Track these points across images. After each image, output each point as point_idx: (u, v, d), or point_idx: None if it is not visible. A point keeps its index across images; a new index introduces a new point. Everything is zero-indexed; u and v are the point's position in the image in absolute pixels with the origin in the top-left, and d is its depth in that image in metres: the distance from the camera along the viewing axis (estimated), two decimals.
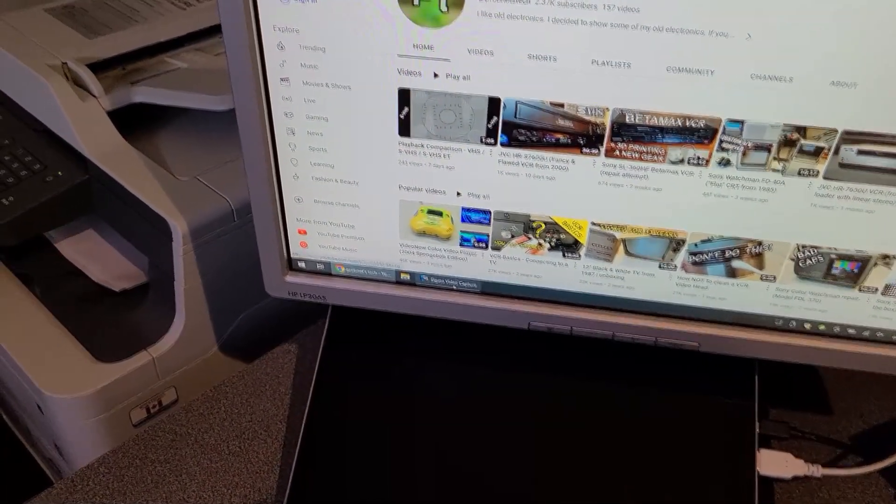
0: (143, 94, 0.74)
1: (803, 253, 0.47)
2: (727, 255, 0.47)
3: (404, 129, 0.45)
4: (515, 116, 0.44)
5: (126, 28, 0.79)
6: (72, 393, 0.64)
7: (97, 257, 0.78)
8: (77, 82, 0.72)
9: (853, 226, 0.44)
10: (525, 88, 0.42)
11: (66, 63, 0.72)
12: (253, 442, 0.57)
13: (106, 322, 0.71)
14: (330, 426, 0.54)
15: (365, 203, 0.49)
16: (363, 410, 0.54)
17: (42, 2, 0.84)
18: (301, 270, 0.53)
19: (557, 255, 0.50)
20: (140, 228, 0.70)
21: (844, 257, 0.46)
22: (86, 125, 0.70)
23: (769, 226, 0.45)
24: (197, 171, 0.71)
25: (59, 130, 0.72)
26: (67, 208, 0.73)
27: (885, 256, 0.46)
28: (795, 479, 0.54)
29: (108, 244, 0.79)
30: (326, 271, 0.53)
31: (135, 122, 0.75)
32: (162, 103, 0.74)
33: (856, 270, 0.47)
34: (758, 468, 0.52)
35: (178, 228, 0.64)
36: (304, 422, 0.54)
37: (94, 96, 0.72)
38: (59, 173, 0.73)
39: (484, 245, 0.50)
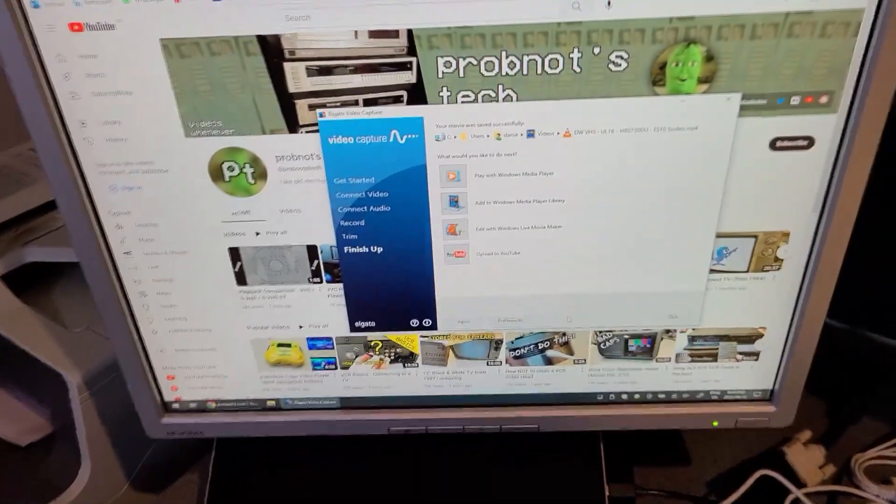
0: (34, 253, 0.79)
1: (602, 336, 0.54)
2: (540, 346, 0.54)
3: (241, 279, 0.52)
4: (332, 258, 0.51)
5: (16, 192, 0.84)
6: None
7: (3, 412, 0.81)
8: None
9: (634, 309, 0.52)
10: (332, 237, 0.49)
11: None
12: None
13: (14, 479, 0.73)
14: None
15: (221, 346, 0.55)
16: None
17: None
18: (176, 411, 0.59)
19: (399, 367, 0.56)
20: (39, 382, 0.74)
21: (636, 336, 0.54)
22: None
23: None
24: (89, 320, 0.75)
25: None
26: None
27: (668, 331, 0.53)
28: None
29: (13, 398, 0.82)
30: (200, 408, 0.59)
31: (31, 278, 0.79)
32: (52, 260, 0.79)
33: (648, 345, 0.54)
34: None
35: (73, 380, 0.68)
36: None
37: None
38: None
39: (333, 366, 0.56)
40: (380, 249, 0.50)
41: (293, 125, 0.45)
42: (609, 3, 0.41)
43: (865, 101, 0.43)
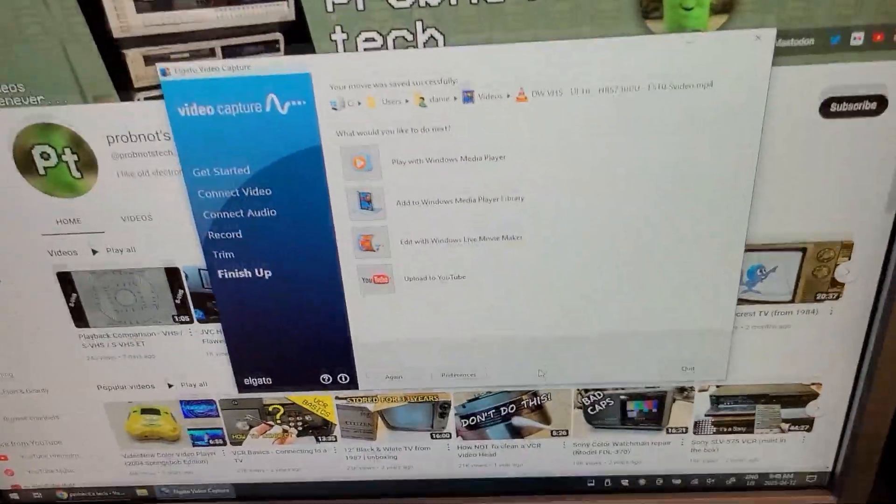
0: None
1: (589, 397, 0.38)
2: (503, 412, 0.39)
3: (79, 318, 0.37)
4: (203, 286, 0.36)
5: None
6: None
7: None
8: None
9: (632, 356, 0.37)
10: (199, 255, 0.35)
11: None
12: None
13: None
14: None
15: (64, 412, 0.40)
16: None
17: None
18: (15, 502, 0.43)
19: (310, 442, 0.41)
20: None
21: (636, 396, 0.38)
22: None
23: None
24: None
25: None
26: None
27: (682, 389, 0.38)
28: None
29: None
30: (47, 499, 0.43)
31: None
32: None
33: (655, 410, 0.38)
34: None
35: None
36: None
37: None
38: None
39: (221, 441, 0.41)
40: (268, 273, 0.35)
41: (126, 88, 0.32)
42: None
43: None
